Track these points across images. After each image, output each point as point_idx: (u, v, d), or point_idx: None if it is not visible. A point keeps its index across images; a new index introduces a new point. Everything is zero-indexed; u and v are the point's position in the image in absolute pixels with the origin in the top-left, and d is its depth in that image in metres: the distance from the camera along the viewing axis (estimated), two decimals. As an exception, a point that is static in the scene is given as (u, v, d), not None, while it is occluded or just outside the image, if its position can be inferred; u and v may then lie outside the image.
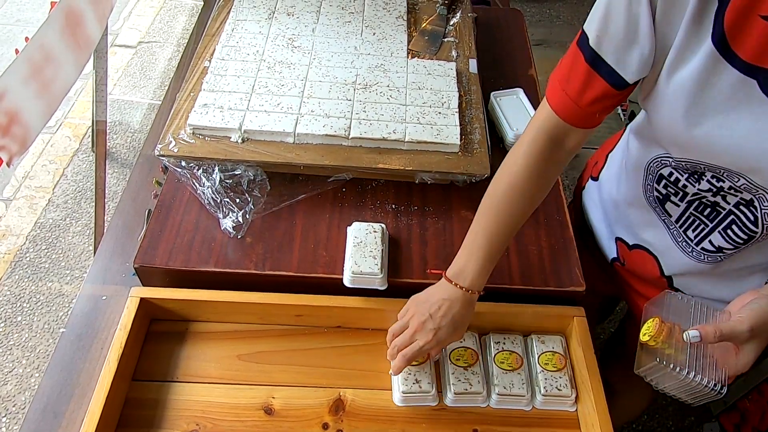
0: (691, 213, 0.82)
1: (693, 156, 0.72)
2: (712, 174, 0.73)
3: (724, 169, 0.70)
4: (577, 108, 0.73)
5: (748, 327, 0.69)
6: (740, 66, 0.62)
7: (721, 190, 0.74)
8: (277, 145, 0.98)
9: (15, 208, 2.07)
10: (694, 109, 0.66)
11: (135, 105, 2.48)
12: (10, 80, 0.71)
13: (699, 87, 0.65)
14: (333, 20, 1.21)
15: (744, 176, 0.69)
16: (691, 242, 0.84)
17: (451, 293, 0.79)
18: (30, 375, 1.67)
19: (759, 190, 0.70)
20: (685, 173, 0.77)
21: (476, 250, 0.79)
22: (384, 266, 0.86)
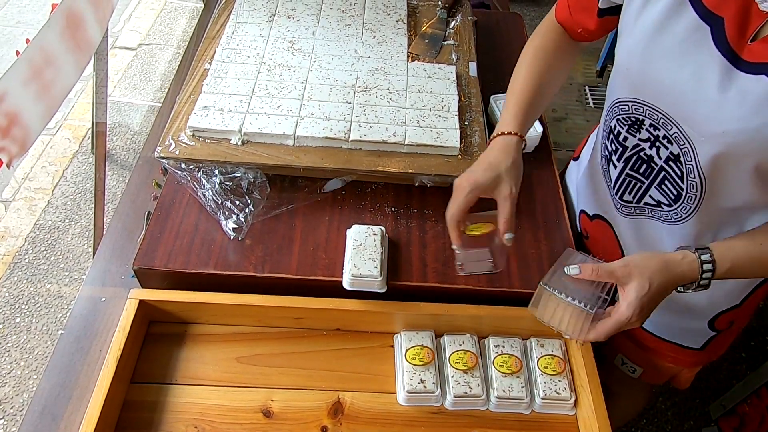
0: (627, 174, 0.85)
1: (639, 94, 0.76)
2: (650, 122, 0.77)
3: (661, 115, 0.74)
4: (569, 15, 0.86)
5: (624, 263, 0.72)
6: (700, 10, 0.66)
7: (657, 140, 0.77)
8: (277, 148, 0.98)
9: (14, 210, 2.07)
10: (650, 48, 0.71)
11: (135, 107, 2.48)
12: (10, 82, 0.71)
13: (660, 26, 0.69)
14: (333, 23, 1.21)
15: (677, 124, 0.73)
16: (631, 204, 0.87)
17: (491, 145, 0.83)
18: (28, 377, 1.67)
19: (686, 143, 0.73)
20: (626, 124, 0.81)
21: (509, 103, 0.86)
22: (383, 269, 0.86)
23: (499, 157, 0.80)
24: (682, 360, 1.02)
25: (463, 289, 0.90)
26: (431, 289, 0.90)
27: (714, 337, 0.97)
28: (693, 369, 1.07)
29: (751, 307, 0.95)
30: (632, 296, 0.71)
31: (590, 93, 2.65)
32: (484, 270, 0.85)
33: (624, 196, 0.88)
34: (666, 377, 1.09)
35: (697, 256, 0.73)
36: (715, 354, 1.02)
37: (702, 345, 0.99)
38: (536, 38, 0.91)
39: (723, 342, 1.00)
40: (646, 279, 0.71)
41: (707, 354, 1.01)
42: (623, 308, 0.72)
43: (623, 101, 0.80)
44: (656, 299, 0.72)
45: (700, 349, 0.99)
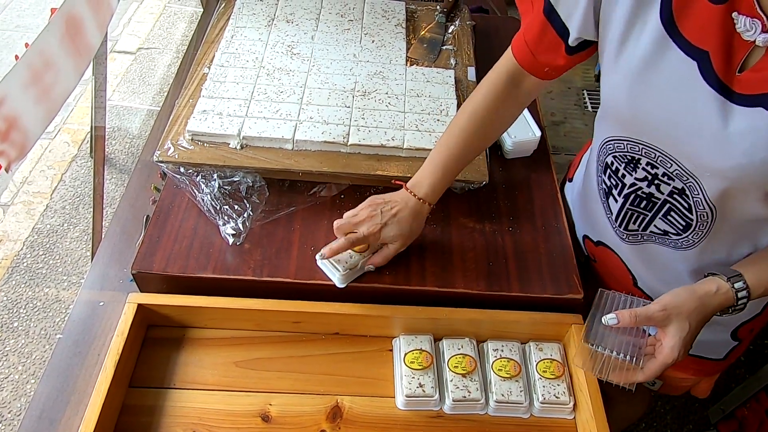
0: (629, 208, 0.84)
1: (632, 133, 0.75)
2: (647, 161, 0.76)
3: (658, 152, 0.73)
4: (532, 57, 0.80)
5: (661, 307, 0.72)
6: (684, 46, 0.64)
7: (655, 178, 0.76)
8: (275, 152, 0.98)
9: (13, 214, 2.06)
10: (637, 86, 0.69)
11: (134, 111, 2.48)
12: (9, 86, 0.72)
13: (644, 64, 0.67)
14: (332, 27, 1.21)
15: (677, 161, 0.72)
16: (636, 232, 0.86)
17: (405, 198, 0.87)
18: (26, 381, 1.66)
19: (689, 178, 0.72)
20: (623, 162, 0.80)
21: (434, 167, 0.87)
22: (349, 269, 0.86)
23: (408, 221, 0.86)
24: (703, 371, 1.01)
25: (462, 293, 0.90)
26: (430, 293, 0.90)
27: (736, 347, 0.97)
28: (712, 378, 1.06)
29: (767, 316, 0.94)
30: (675, 339, 0.72)
31: (589, 97, 2.66)
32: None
33: (628, 226, 0.87)
34: (686, 389, 1.08)
35: (731, 285, 0.73)
36: (733, 359, 1.02)
37: (724, 355, 0.98)
38: (485, 87, 0.86)
39: (741, 348, 0.99)
40: (685, 320, 0.72)
41: (727, 362, 1.00)
42: (667, 351, 0.73)
43: (615, 139, 0.79)
44: (696, 333, 0.74)
45: (722, 359, 0.99)
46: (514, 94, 0.85)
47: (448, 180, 0.89)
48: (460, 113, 0.88)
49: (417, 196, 0.86)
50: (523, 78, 0.83)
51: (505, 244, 0.96)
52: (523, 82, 0.84)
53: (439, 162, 0.87)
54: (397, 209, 0.85)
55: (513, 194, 1.04)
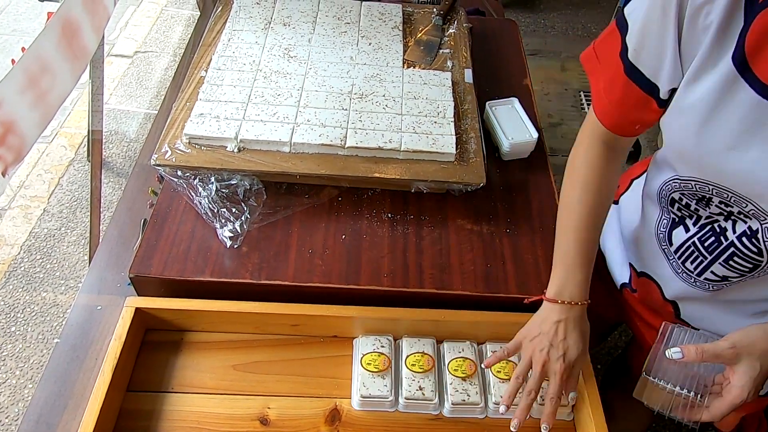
0: (693, 243, 0.80)
1: (700, 175, 0.71)
2: (719, 200, 0.72)
3: (731, 194, 0.69)
4: (622, 119, 0.76)
5: (730, 344, 0.69)
6: (758, 87, 0.60)
7: (731, 215, 0.73)
8: (273, 155, 0.98)
9: (10, 218, 2.06)
10: (706, 126, 0.65)
11: (131, 114, 2.48)
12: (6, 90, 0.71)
13: (714, 104, 0.64)
14: (329, 30, 1.21)
15: (752, 202, 0.68)
16: (692, 273, 0.83)
17: (562, 312, 0.78)
18: (24, 386, 1.66)
19: (765, 220, 0.68)
20: (693, 199, 0.75)
21: (572, 265, 0.80)
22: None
23: (584, 328, 0.79)
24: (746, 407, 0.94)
25: (460, 295, 0.90)
26: (428, 295, 0.90)
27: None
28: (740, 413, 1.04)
29: None
30: (745, 379, 0.70)
31: (585, 99, 2.67)
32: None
33: (686, 264, 0.82)
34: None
35: None
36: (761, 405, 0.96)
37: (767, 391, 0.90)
38: (586, 159, 0.83)
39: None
40: (756, 359, 0.70)
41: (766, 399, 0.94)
42: (737, 391, 0.70)
43: (682, 179, 0.75)
44: (764, 371, 0.71)
45: (764, 395, 0.92)
46: (612, 156, 0.82)
47: (590, 269, 0.81)
48: (568, 200, 0.83)
49: (570, 303, 0.79)
50: (617, 139, 0.80)
51: (503, 245, 0.96)
52: (617, 143, 0.81)
53: (573, 258, 0.80)
54: (563, 329, 0.77)
55: (510, 196, 1.04)
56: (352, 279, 0.90)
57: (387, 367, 0.84)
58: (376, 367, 0.83)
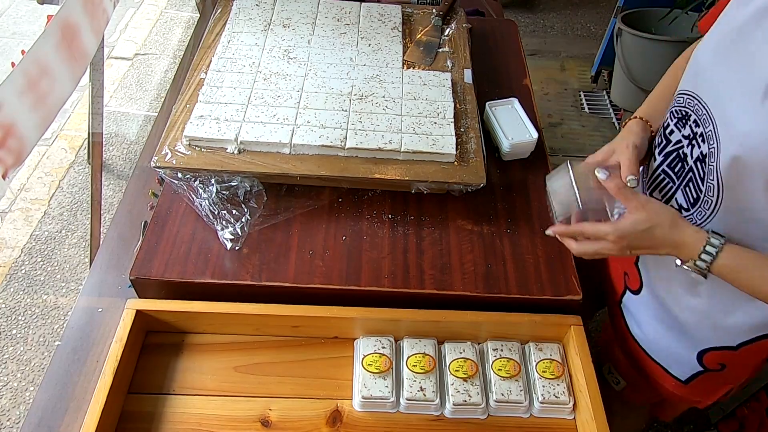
0: (663, 170, 0.84)
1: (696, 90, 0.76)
2: (695, 118, 0.76)
3: (705, 111, 0.73)
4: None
5: (646, 199, 0.76)
6: None
7: (694, 137, 0.76)
8: (273, 156, 0.98)
9: (10, 221, 2.06)
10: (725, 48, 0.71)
11: (131, 117, 2.48)
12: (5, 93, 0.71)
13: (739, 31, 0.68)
14: (328, 32, 1.21)
15: (714, 121, 0.71)
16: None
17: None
18: (25, 389, 1.66)
19: (714, 142, 0.72)
20: (675, 118, 0.80)
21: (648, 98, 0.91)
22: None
23: (623, 134, 0.86)
24: (664, 387, 0.98)
25: (461, 296, 0.90)
26: (429, 296, 0.90)
27: (700, 374, 0.93)
28: (677, 403, 1.05)
29: (748, 362, 0.90)
30: (626, 224, 0.74)
31: (585, 99, 2.67)
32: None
33: (653, 194, 0.86)
34: (648, 400, 1.08)
35: (709, 236, 0.72)
36: (700, 396, 0.98)
37: (687, 379, 0.94)
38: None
39: (710, 388, 0.96)
40: (647, 219, 0.73)
41: (690, 391, 0.96)
42: (609, 226, 0.75)
43: (682, 93, 0.80)
44: (643, 242, 0.75)
45: (684, 382, 0.95)
46: None
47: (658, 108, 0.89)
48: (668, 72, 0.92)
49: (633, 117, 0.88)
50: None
51: (503, 246, 0.96)
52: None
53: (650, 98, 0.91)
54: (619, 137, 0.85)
55: (511, 196, 1.04)
56: (352, 280, 0.90)
57: (388, 368, 0.84)
58: (377, 368, 0.83)
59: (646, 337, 0.97)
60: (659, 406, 1.09)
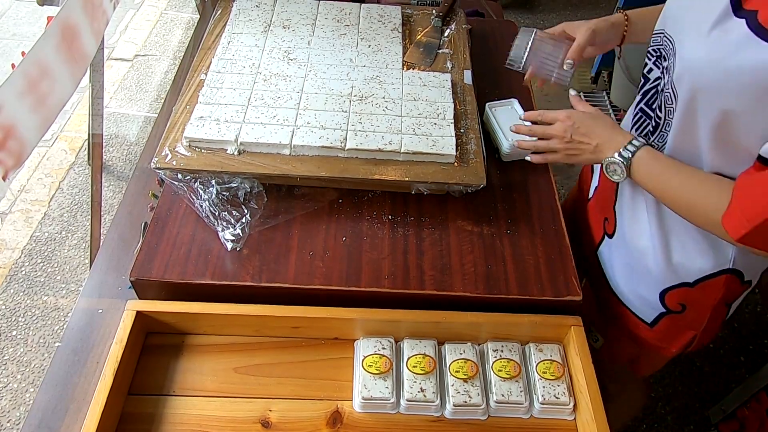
0: (641, 107, 0.90)
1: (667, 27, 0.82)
2: (664, 55, 0.83)
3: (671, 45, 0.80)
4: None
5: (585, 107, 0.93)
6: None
7: (665, 71, 0.83)
8: (273, 157, 0.98)
9: (10, 222, 2.06)
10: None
11: (131, 118, 2.49)
12: (6, 95, 0.71)
13: None
14: (328, 33, 1.22)
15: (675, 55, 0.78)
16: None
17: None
18: (25, 390, 1.66)
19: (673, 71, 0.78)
20: (653, 57, 0.87)
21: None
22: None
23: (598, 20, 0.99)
24: (635, 334, 1.05)
25: (461, 296, 0.90)
26: (429, 297, 0.90)
27: (664, 316, 0.99)
28: (651, 357, 1.11)
29: (705, 302, 0.94)
30: (578, 110, 0.92)
31: (585, 99, 2.66)
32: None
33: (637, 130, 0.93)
34: (625, 356, 1.13)
35: (635, 137, 0.85)
36: (667, 342, 1.03)
37: (652, 321, 1.01)
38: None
39: (674, 332, 1.01)
40: (597, 112, 0.91)
41: (657, 335, 1.02)
42: (563, 111, 0.91)
43: (656, 33, 0.85)
44: (586, 128, 0.88)
45: (650, 325, 1.01)
46: None
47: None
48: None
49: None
50: None
51: (503, 246, 0.96)
52: None
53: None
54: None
55: (511, 197, 1.04)
56: (352, 281, 0.90)
57: (388, 369, 0.84)
58: (377, 369, 0.83)
59: (617, 282, 1.04)
60: (636, 363, 1.15)
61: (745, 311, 1.95)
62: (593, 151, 0.87)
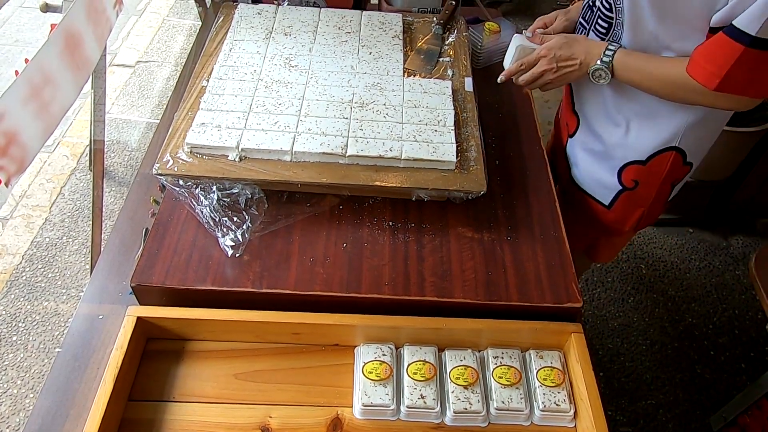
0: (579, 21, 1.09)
1: None
2: None
3: None
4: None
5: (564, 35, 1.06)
6: None
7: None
8: (274, 164, 0.98)
9: (11, 227, 2.06)
10: None
11: (133, 124, 2.49)
12: (9, 101, 0.72)
13: None
14: (330, 40, 1.22)
15: None
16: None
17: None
18: (25, 395, 1.66)
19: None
20: None
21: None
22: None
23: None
24: (594, 218, 1.24)
25: (461, 303, 0.90)
26: (429, 303, 0.90)
27: (620, 195, 1.17)
28: (608, 241, 1.32)
29: (654, 178, 1.12)
30: (552, 40, 1.04)
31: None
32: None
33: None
34: (583, 243, 1.35)
35: (609, 43, 1.00)
36: (621, 221, 1.22)
37: (610, 202, 1.20)
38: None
39: (628, 210, 1.19)
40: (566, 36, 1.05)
41: (613, 216, 1.21)
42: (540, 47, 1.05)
43: None
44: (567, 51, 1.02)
45: (608, 206, 1.20)
46: None
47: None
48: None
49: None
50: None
51: (503, 253, 0.97)
52: None
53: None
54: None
55: (511, 204, 1.05)
56: (353, 287, 0.90)
57: (388, 375, 0.84)
58: (377, 375, 0.83)
59: (579, 171, 1.24)
60: (595, 249, 1.37)
61: (746, 318, 1.95)
62: (579, 67, 1.02)
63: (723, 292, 2.02)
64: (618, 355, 1.85)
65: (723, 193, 2.13)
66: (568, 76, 1.04)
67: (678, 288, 2.03)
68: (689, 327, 1.92)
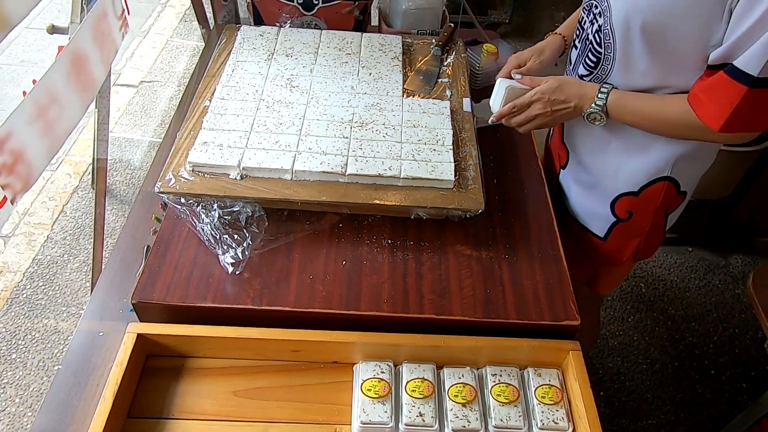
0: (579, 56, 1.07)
1: None
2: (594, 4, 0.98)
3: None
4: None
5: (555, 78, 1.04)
6: None
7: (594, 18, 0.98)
8: (275, 182, 1.00)
9: (13, 245, 2.07)
10: None
11: (136, 143, 2.52)
12: (16, 121, 0.74)
13: None
14: (330, 61, 1.24)
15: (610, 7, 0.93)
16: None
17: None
18: (23, 414, 1.65)
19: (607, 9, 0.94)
20: (586, 11, 1.02)
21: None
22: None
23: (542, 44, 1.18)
24: (593, 250, 1.22)
25: (460, 321, 0.90)
26: (427, 321, 0.90)
27: (615, 226, 1.16)
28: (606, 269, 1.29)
29: (648, 207, 1.10)
30: (543, 84, 1.02)
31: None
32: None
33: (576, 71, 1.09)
34: (585, 273, 1.32)
35: (602, 85, 0.99)
36: (618, 253, 1.20)
37: (605, 234, 1.18)
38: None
39: (623, 240, 1.17)
40: (557, 79, 1.02)
41: (609, 247, 1.19)
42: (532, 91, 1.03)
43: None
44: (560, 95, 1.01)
45: (603, 238, 1.19)
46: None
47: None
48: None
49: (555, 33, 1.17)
50: None
51: (502, 271, 0.97)
52: None
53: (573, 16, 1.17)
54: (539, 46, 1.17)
55: (509, 222, 1.06)
56: (352, 305, 0.91)
57: (387, 393, 0.84)
58: (376, 392, 0.83)
59: (573, 203, 1.23)
60: (595, 280, 1.34)
61: (746, 337, 1.95)
62: (574, 110, 1.01)
63: (723, 311, 2.02)
64: (618, 375, 1.84)
65: (722, 212, 2.14)
66: (561, 118, 1.04)
67: (678, 307, 2.03)
68: (689, 346, 1.92)
